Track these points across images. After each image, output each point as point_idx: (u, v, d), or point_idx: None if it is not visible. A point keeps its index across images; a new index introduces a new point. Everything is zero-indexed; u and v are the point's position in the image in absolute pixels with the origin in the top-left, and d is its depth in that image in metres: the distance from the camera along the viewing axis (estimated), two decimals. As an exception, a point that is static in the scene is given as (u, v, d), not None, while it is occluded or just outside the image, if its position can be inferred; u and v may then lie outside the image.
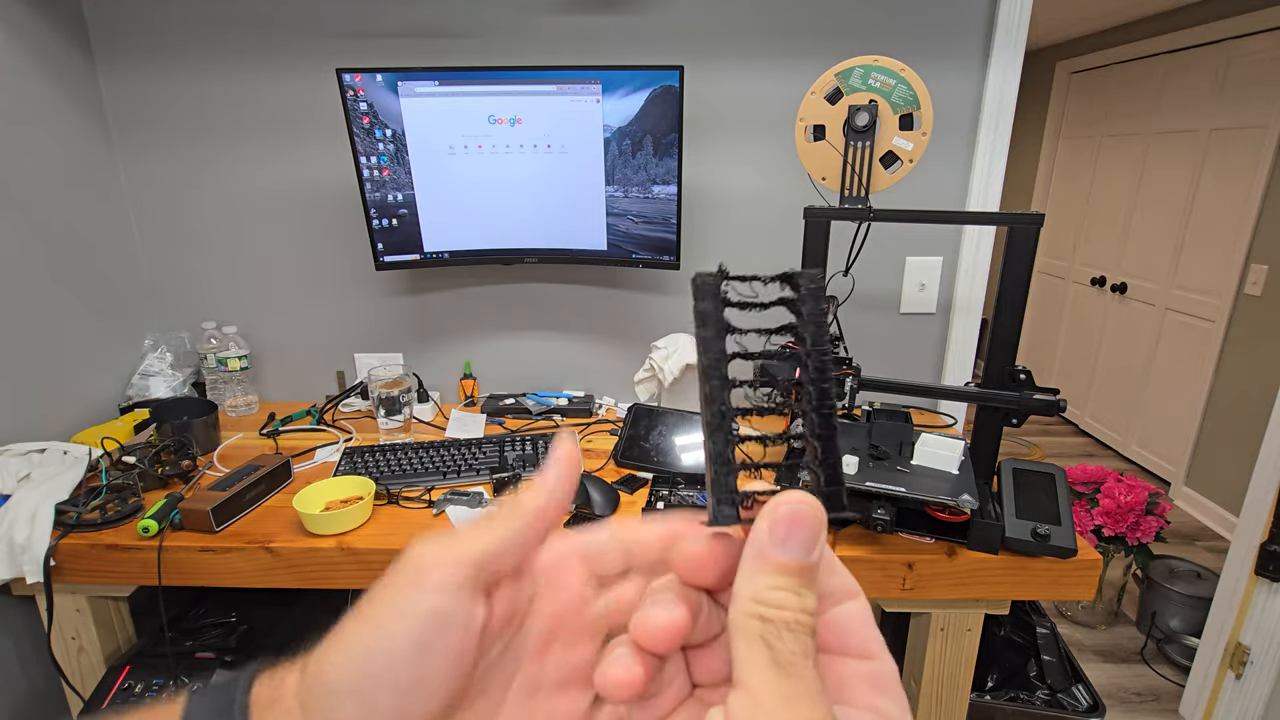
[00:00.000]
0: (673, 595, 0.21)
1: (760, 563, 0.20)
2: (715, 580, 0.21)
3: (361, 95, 1.31)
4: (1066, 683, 1.59)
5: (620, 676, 0.20)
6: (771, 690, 0.18)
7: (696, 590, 0.22)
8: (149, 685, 1.10)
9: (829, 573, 0.22)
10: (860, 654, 0.21)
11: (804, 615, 0.19)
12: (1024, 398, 1.09)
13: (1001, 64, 1.39)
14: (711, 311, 0.22)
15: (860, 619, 0.22)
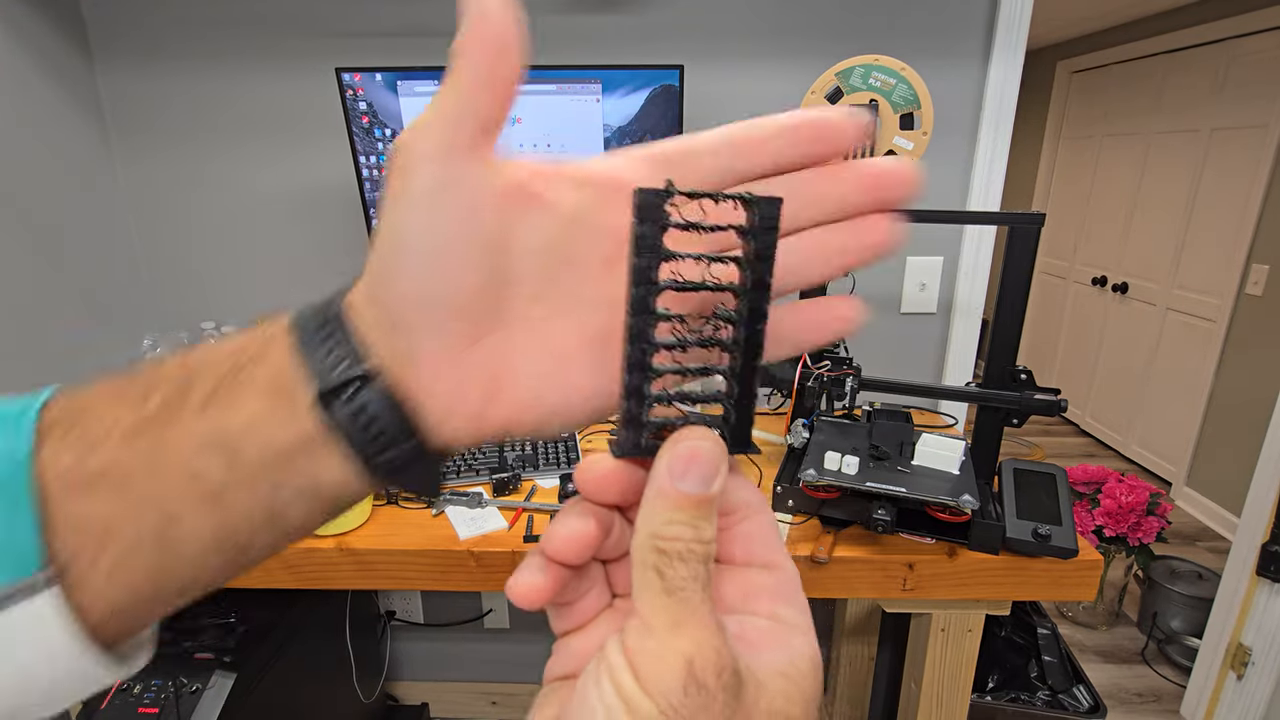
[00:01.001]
0: (581, 508, 0.23)
1: (659, 497, 0.20)
2: (619, 499, 0.23)
3: (361, 95, 1.31)
4: (1067, 683, 1.59)
5: (524, 583, 0.22)
6: (661, 616, 0.19)
7: (607, 508, 0.23)
8: (147, 686, 1.10)
9: (735, 489, 0.23)
10: (764, 564, 0.23)
11: (698, 545, 0.20)
12: (1025, 398, 1.09)
13: (1002, 63, 1.39)
14: (649, 236, 0.21)
15: (764, 532, 0.23)
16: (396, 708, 1.89)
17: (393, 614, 1.85)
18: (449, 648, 1.93)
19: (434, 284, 0.22)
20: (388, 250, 0.22)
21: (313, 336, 0.22)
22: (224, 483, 0.22)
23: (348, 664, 1.56)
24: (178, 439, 0.21)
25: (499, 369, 0.23)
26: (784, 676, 0.20)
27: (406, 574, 1.08)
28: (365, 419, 0.22)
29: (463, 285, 0.22)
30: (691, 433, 0.21)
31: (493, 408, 0.23)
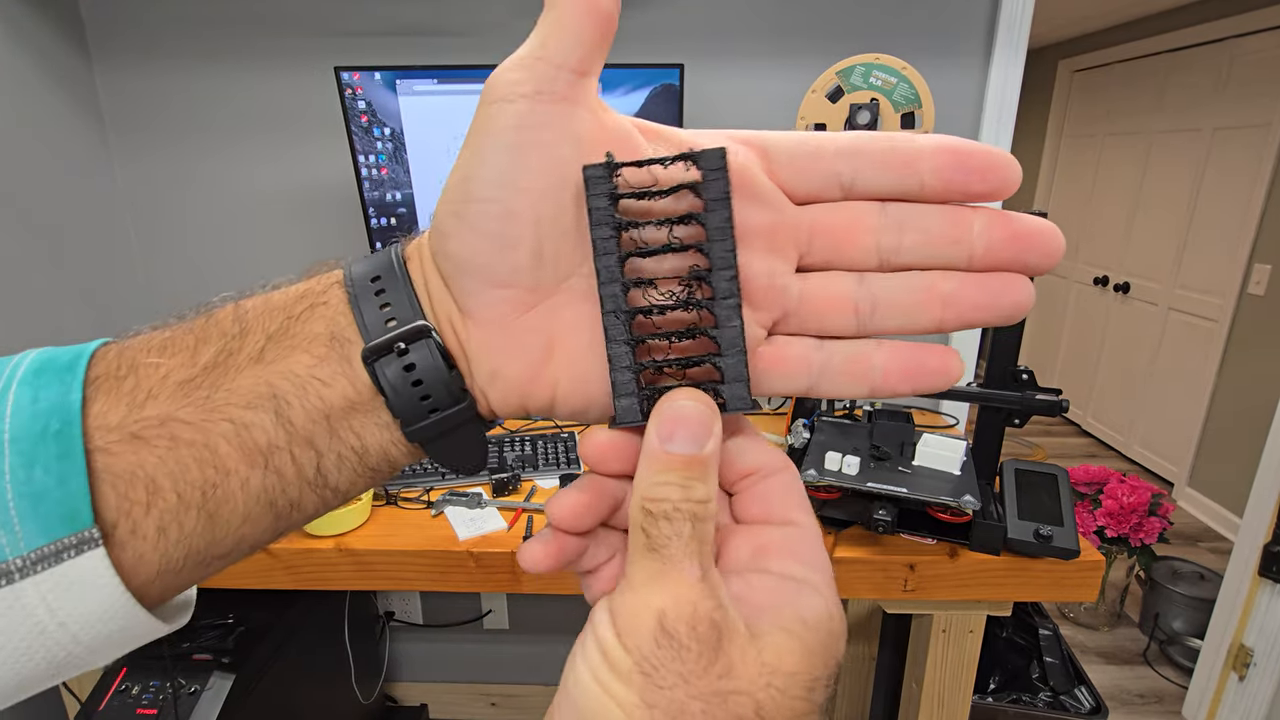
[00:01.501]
0: (584, 480, 0.23)
1: (648, 459, 0.20)
2: (622, 469, 0.23)
3: (360, 94, 1.30)
4: (1069, 684, 1.59)
5: (528, 548, 0.23)
6: (641, 572, 0.20)
7: (615, 478, 0.23)
8: (145, 687, 1.10)
9: (750, 450, 0.23)
10: (782, 521, 0.22)
11: (685, 504, 0.20)
12: (1026, 398, 1.08)
13: (1003, 62, 1.38)
14: (602, 208, 0.21)
15: (782, 491, 0.23)
16: (395, 709, 1.89)
17: (392, 615, 1.85)
18: (448, 648, 1.92)
19: (499, 240, 0.21)
20: (457, 197, 0.22)
21: (366, 290, 0.22)
22: (272, 440, 0.21)
23: (346, 665, 1.56)
24: (228, 393, 0.21)
25: (551, 338, 0.23)
26: (785, 631, 0.19)
27: (406, 574, 1.07)
28: (414, 377, 0.22)
29: (526, 245, 0.21)
30: (678, 394, 0.21)
31: (540, 378, 0.23)
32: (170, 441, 0.20)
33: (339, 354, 0.22)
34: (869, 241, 0.22)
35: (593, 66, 0.21)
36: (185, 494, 0.21)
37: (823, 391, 0.23)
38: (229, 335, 0.22)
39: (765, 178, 0.22)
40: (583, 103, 0.21)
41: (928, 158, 0.22)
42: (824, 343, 0.23)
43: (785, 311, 0.23)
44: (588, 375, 0.23)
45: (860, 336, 0.23)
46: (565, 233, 0.22)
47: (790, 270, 0.23)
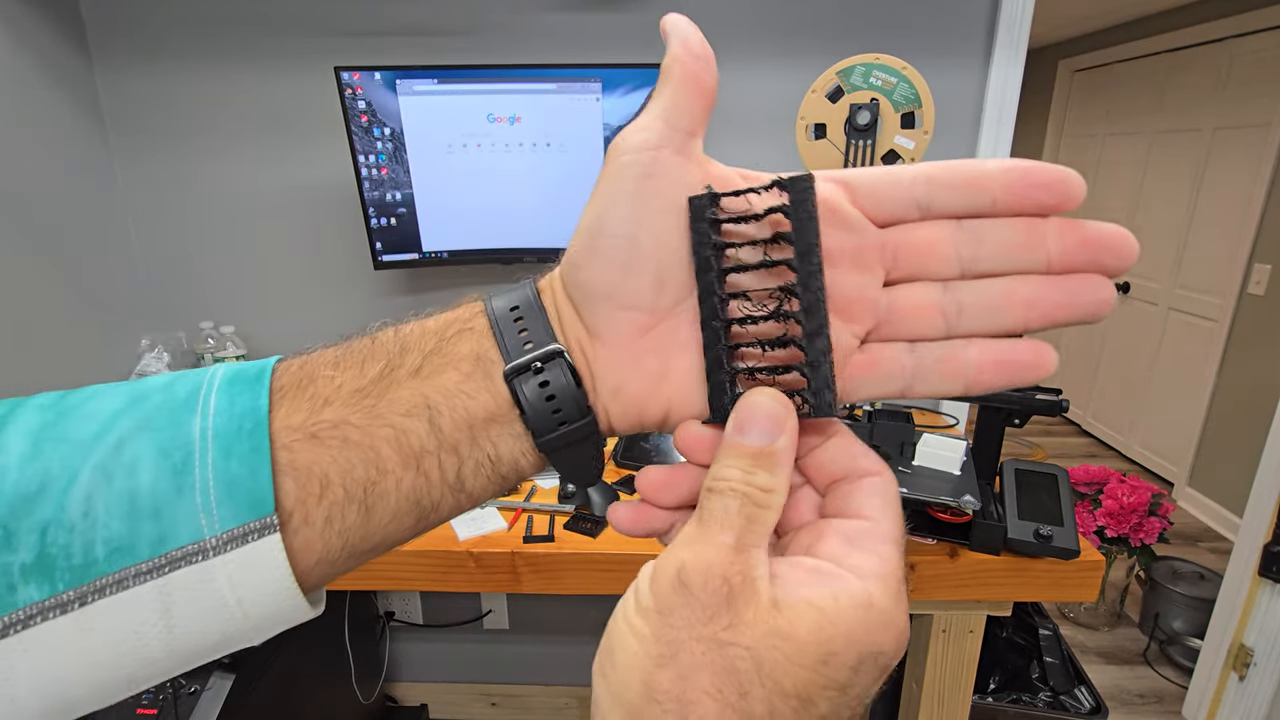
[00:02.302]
0: (678, 464, 0.26)
1: (724, 447, 0.23)
2: (708, 461, 0.24)
3: (360, 94, 1.30)
4: (1069, 684, 1.59)
5: (616, 514, 0.26)
6: (684, 534, 0.22)
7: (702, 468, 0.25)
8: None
9: (849, 456, 0.24)
10: (855, 515, 0.23)
11: (743, 486, 0.22)
12: (1026, 398, 1.08)
13: (1003, 62, 1.38)
14: (705, 230, 0.24)
15: (869, 489, 0.24)
16: (395, 709, 1.89)
17: (392, 615, 1.85)
18: (448, 648, 1.92)
19: (625, 269, 0.25)
20: (589, 235, 0.25)
21: (506, 317, 0.26)
22: (424, 445, 0.24)
23: (347, 665, 1.56)
24: (390, 403, 0.24)
25: (667, 359, 0.26)
26: (808, 603, 0.20)
27: (406, 574, 1.07)
28: (548, 393, 0.25)
29: (648, 273, 0.25)
30: (757, 392, 0.23)
31: (657, 394, 0.26)
32: (342, 442, 0.24)
33: (483, 371, 0.25)
34: (949, 253, 0.24)
35: (700, 128, 0.26)
36: (350, 489, 0.24)
37: (918, 392, 0.25)
38: (391, 353, 0.25)
39: (849, 205, 0.25)
40: (693, 157, 0.25)
41: (998, 176, 0.23)
42: (915, 346, 0.25)
43: (876, 321, 0.25)
44: (696, 391, 0.25)
45: (950, 339, 0.25)
46: (681, 262, 0.25)
47: (878, 285, 0.25)
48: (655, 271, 0.25)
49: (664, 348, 0.25)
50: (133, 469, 0.22)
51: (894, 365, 0.25)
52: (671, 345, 0.25)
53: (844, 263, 0.24)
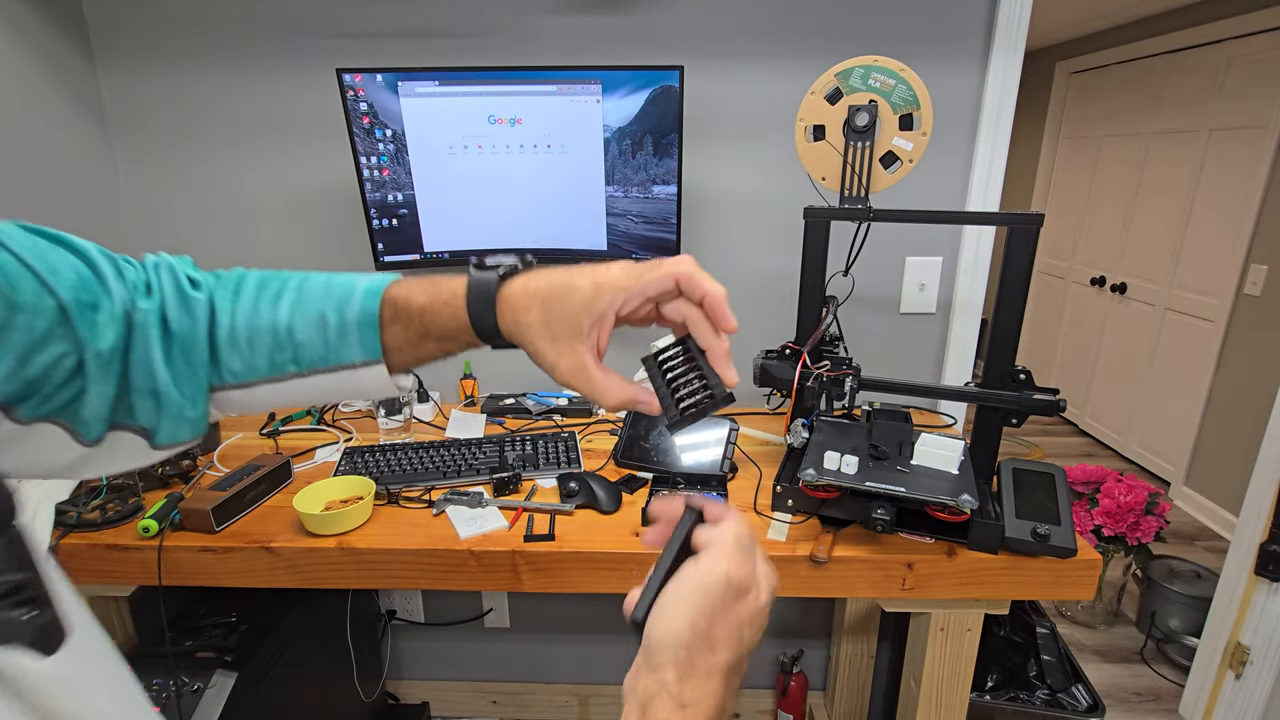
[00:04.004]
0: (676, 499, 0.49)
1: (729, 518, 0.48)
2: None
3: (361, 95, 1.31)
4: (1066, 683, 1.59)
5: (648, 541, 0.48)
6: (725, 553, 0.44)
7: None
8: (149, 685, 1.10)
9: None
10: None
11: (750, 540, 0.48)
12: (1024, 398, 1.09)
13: (1001, 64, 1.39)
14: (652, 366, 0.50)
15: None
16: (397, 706, 1.89)
17: (393, 613, 1.85)
18: (449, 647, 1.93)
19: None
20: (551, 291, 0.47)
21: (476, 303, 0.48)
22: (436, 339, 0.49)
23: (348, 663, 1.56)
24: (426, 331, 0.49)
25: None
26: (769, 591, 0.45)
27: (407, 573, 1.08)
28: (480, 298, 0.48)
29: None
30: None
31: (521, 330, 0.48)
32: (406, 328, 0.49)
33: (460, 315, 0.48)
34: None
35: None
36: (409, 346, 0.50)
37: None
38: (432, 303, 0.49)
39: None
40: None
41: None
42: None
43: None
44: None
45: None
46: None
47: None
48: (580, 330, 0.47)
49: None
50: (323, 328, 0.49)
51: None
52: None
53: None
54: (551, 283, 0.46)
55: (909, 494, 0.98)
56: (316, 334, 0.48)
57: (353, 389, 0.50)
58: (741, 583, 0.42)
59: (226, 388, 0.49)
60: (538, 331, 0.46)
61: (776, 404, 1.22)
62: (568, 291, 0.45)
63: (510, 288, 0.47)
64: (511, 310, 0.46)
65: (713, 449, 1.28)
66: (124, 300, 0.44)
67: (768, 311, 1.57)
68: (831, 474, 1.03)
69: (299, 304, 0.50)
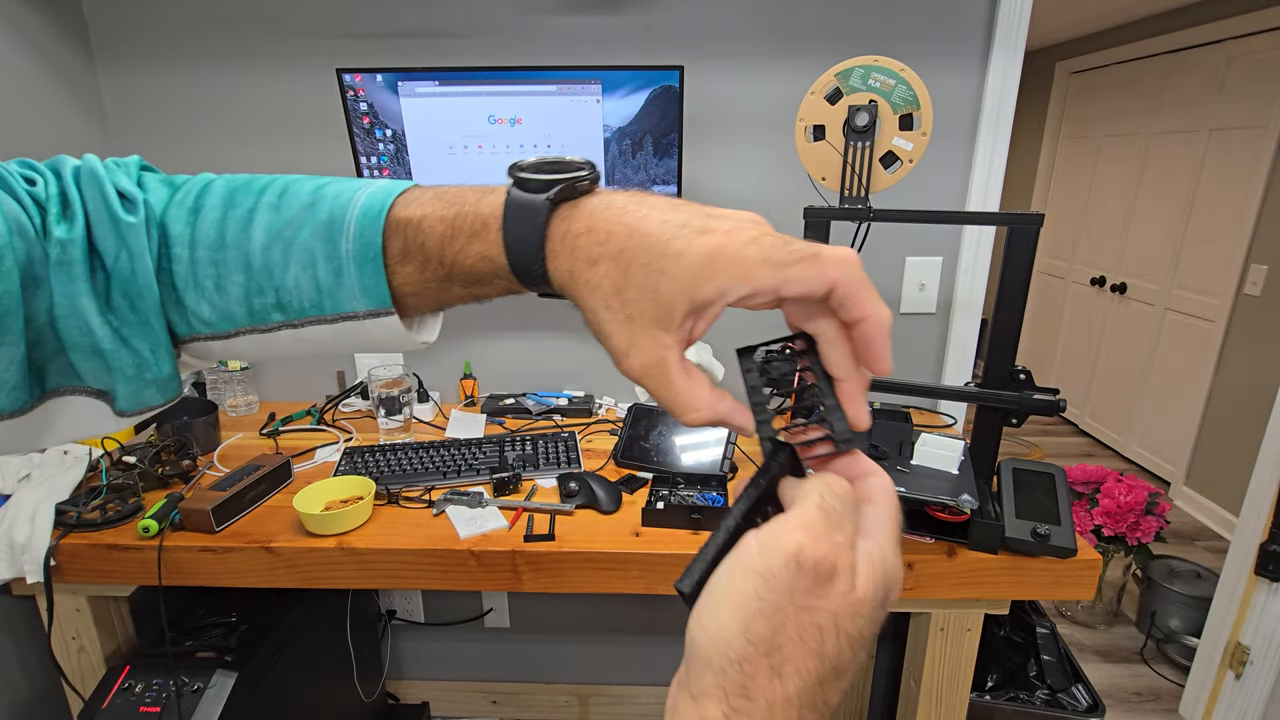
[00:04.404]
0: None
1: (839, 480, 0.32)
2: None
3: (362, 95, 1.31)
4: (1066, 682, 1.59)
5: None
6: (800, 520, 0.28)
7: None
8: (149, 685, 1.10)
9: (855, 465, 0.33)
10: (865, 501, 0.32)
11: (854, 505, 0.31)
12: (1024, 398, 1.09)
13: (1001, 64, 1.39)
14: (753, 369, 0.35)
15: (872, 487, 0.33)
16: (397, 706, 1.89)
17: (393, 613, 1.85)
18: (449, 647, 1.93)
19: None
20: (644, 237, 0.32)
21: (516, 242, 0.33)
22: (463, 282, 0.36)
23: (348, 663, 1.56)
24: (449, 273, 0.36)
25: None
26: (870, 580, 0.28)
27: (407, 573, 1.08)
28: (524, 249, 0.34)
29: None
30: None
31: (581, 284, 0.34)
32: (422, 265, 0.36)
33: (495, 247, 0.34)
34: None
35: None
36: (427, 289, 0.37)
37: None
38: (452, 225, 0.35)
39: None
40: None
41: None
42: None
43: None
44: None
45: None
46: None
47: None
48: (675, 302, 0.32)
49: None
50: (311, 263, 0.36)
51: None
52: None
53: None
54: (638, 229, 0.31)
55: (909, 494, 0.98)
56: (304, 275, 0.36)
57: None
58: (821, 564, 0.26)
59: (199, 338, 0.38)
60: (605, 300, 0.31)
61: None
62: (663, 254, 0.30)
63: (571, 219, 0.32)
64: (569, 256, 0.32)
65: (713, 449, 1.28)
66: (21, 227, 0.33)
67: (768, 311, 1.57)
68: (831, 474, 1.03)
69: (278, 228, 0.36)
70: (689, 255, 0.29)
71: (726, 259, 0.29)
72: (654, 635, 1.88)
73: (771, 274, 0.29)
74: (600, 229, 0.31)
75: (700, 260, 0.29)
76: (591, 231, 0.31)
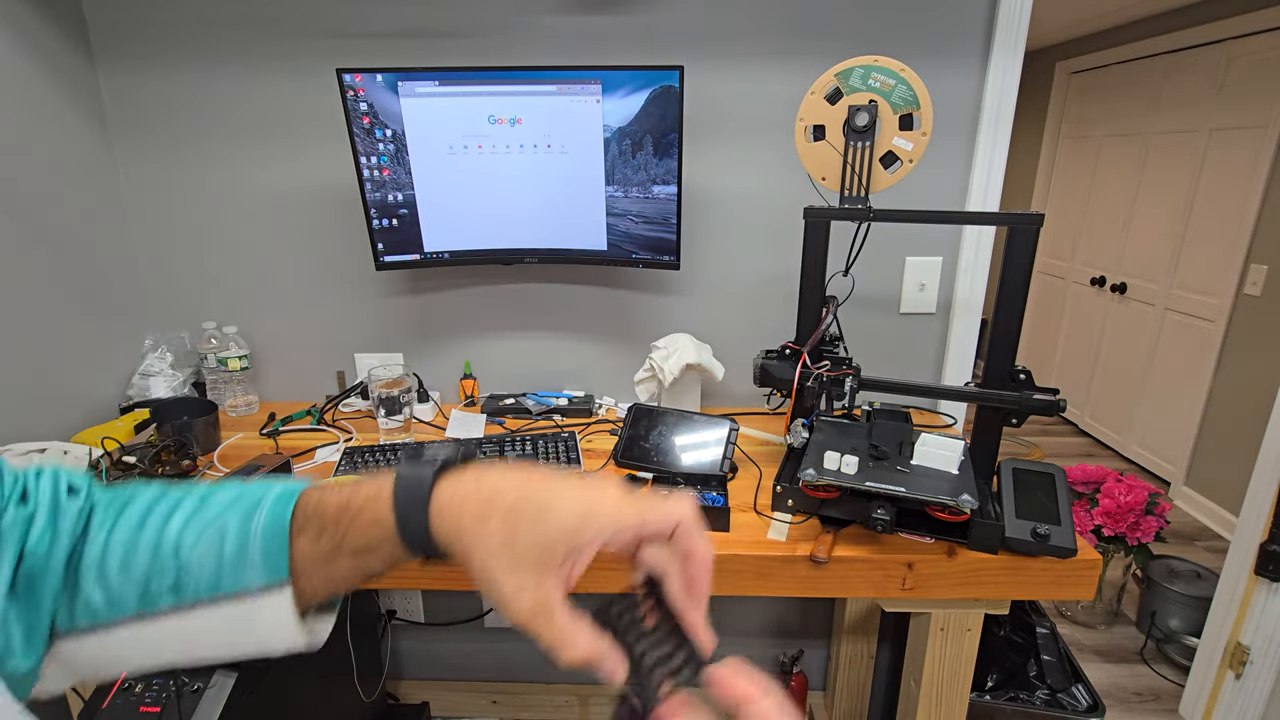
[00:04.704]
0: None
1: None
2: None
3: (362, 95, 1.31)
4: (1066, 682, 1.59)
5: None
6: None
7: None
8: (149, 685, 1.10)
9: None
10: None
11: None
12: (1024, 398, 1.09)
13: (1001, 64, 1.39)
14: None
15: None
16: (397, 706, 1.89)
17: (393, 613, 1.85)
18: (449, 647, 1.93)
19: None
20: (525, 505, 0.38)
21: (405, 502, 0.39)
22: (351, 551, 0.41)
23: (348, 663, 1.56)
24: (341, 541, 0.40)
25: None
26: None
27: (407, 573, 1.08)
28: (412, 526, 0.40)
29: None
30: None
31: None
32: (316, 542, 0.41)
33: (387, 531, 0.40)
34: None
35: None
36: (322, 566, 0.41)
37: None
38: (338, 520, 0.41)
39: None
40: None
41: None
42: None
43: None
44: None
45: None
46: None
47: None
48: (551, 556, 0.38)
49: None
50: (220, 541, 0.40)
51: None
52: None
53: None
54: (522, 491, 0.37)
55: (909, 494, 0.98)
56: (209, 550, 0.40)
57: (241, 632, 0.40)
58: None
59: (77, 633, 0.39)
60: (494, 550, 0.37)
61: (776, 404, 1.22)
62: (545, 508, 0.36)
63: (455, 486, 0.39)
64: (456, 515, 0.38)
65: (713, 449, 1.28)
66: None
67: (768, 311, 1.57)
68: (831, 474, 1.03)
69: (196, 514, 0.41)
70: (570, 510, 0.36)
71: (599, 511, 0.36)
72: (654, 635, 1.88)
73: (636, 517, 0.37)
74: (487, 487, 0.38)
75: (579, 514, 0.36)
76: (479, 494, 0.38)
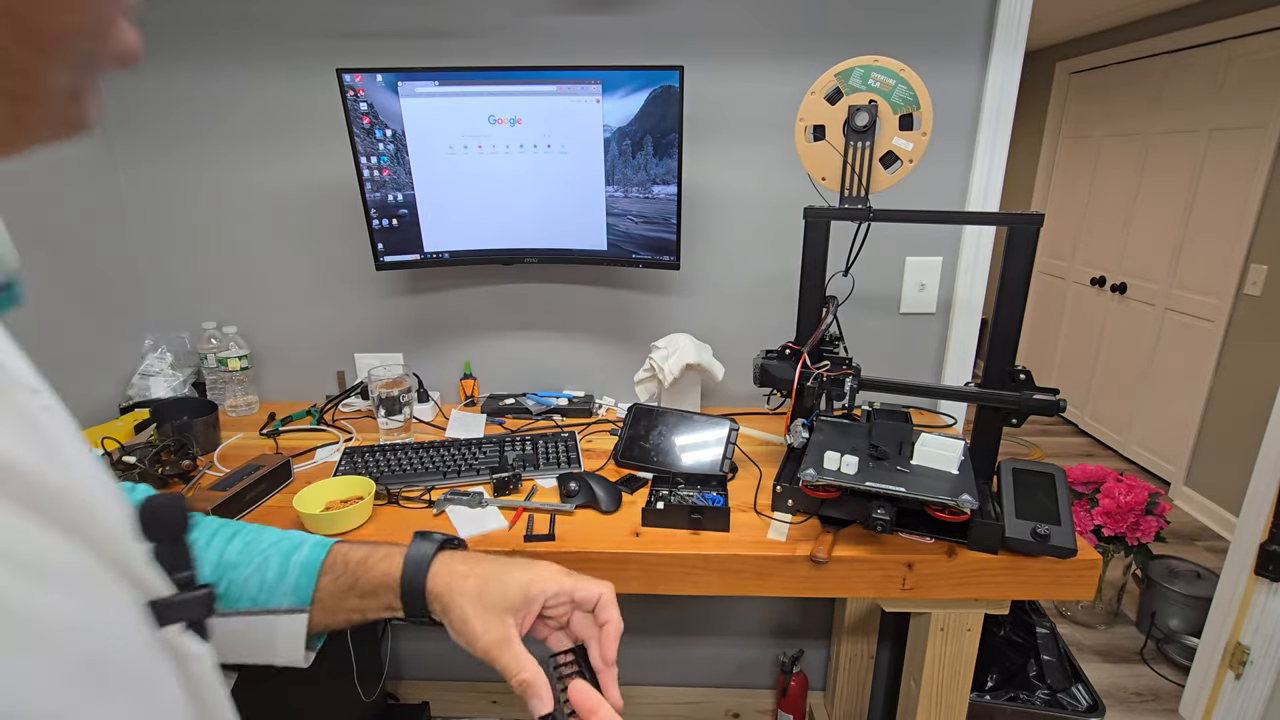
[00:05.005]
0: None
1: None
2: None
3: (361, 95, 1.31)
4: (1066, 682, 1.59)
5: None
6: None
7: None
8: (149, 685, 1.10)
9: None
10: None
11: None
12: (1024, 398, 1.09)
13: (1001, 64, 1.39)
14: (548, 667, 0.52)
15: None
16: (397, 706, 1.89)
17: (393, 613, 1.85)
18: (449, 647, 1.92)
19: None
20: (486, 591, 0.53)
21: (413, 563, 0.54)
22: (360, 593, 0.55)
23: (348, 663, 1.56)
24: (354, 583, 0.55)
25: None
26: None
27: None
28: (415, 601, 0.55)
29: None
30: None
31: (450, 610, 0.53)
32: (335, 583, 0.56)
33: (393, 596, 0.55)
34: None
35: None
36: (333, 601, 0.55)
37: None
38: (354, 579, 0.56)
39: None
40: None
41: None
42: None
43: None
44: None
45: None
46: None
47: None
48: (507, 621, 0.53)
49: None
50: (264, 567, 0.55)
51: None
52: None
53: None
54: (493, 565, 0.54)
55: (909, 494, 0.98)
56: (255, 573, 0.54)
57: (260, 640, 0.54)
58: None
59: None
60: (470, 599, 0.52)
61: (776, 404, 1.22)
62: (505, 574, 0.53)
63: (452, 558, 0.55)
64: (447, 576, 0.53)
65: (713, 449, 1.28)
66: None
67: (768, 311, 1.57)
68: (831, 474, 1.03)
69: (250, 545, 0.56)
70: (524, 576, 0.54)
71: (544, 577, 0.54)
72: (653, 635, 1.89)
73: (571, 584, 0.55)
74: (470, 560, 0.55)
75: (530, 579, 0.53)
76: (465, 562, 0.54)
